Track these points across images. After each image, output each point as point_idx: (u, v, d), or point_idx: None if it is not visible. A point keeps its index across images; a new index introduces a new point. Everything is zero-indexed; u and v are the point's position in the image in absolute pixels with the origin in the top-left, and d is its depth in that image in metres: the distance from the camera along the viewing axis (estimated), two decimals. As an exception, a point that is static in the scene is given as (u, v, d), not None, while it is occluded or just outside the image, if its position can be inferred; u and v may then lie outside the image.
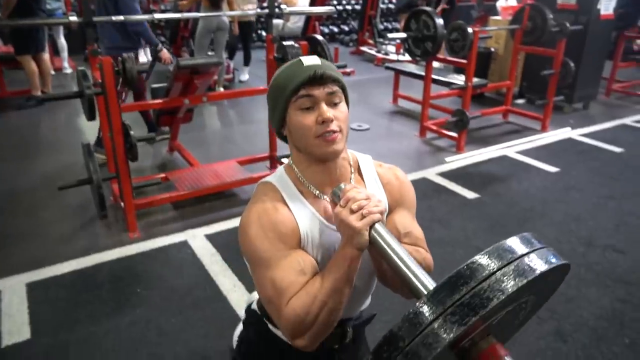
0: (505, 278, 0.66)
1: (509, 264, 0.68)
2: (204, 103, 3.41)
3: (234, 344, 1.27)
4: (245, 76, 6.65)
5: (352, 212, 0.86)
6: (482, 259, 0.68)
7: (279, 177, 1.03)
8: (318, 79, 0.94)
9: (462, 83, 4.24)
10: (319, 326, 0.89)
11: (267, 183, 1.03)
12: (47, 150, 4.29)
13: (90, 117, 2.59)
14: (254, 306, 1.17)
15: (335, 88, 0.96)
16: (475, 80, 4.27)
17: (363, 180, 1.07)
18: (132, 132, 2.69)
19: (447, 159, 4.09)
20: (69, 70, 6.83)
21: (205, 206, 3.28)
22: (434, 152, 4.32)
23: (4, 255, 2.75)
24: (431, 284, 0.79)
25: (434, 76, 4.52)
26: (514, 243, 0.71)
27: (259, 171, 3.51)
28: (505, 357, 0.72)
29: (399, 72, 5.41)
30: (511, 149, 4.35)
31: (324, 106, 0.94)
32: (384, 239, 0.86)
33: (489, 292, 0.65)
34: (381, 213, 0.88)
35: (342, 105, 0.98)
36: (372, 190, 1.06)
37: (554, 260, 0.72)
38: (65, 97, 2.63)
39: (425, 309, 0.67)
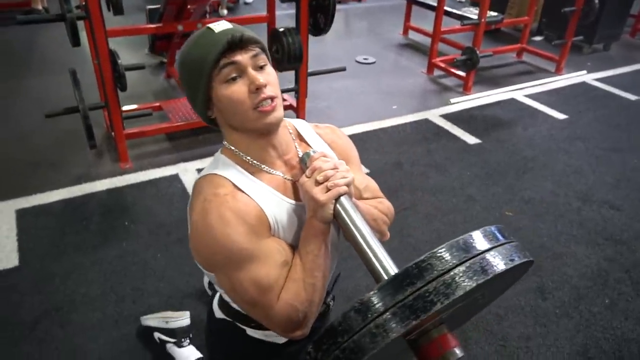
0: (455, 280, 0.62)
1: (461, 263, 0.64)
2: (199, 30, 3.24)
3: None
4: (250, -2, 6.31)
5: (318, 183, 0.82)
6: (434, 257, 0.65)
7: (220, 164, 0.91)
8: (237, 42, 0.82)
9: (475, 18, 3.97)
10: (313, 308, 0.87)
11: (208, 176, 0.90)
12: (39, 70, 4.17)
13: (75, 42, 2.46)
14: (219, 315, 1.07)
15: (257, 50, 0.86)
16: (490, 14, 4.00)
17: (309, 146, 1.00)
18: (119, 61, 2.57)
19: (452, 100, 3.93)
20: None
21: (199, 139, 3.22)
22: (439, 92, 4.16)
23: (-5, 180, 2.75)
24: (392, 269, 0.77)
25: (446, 8, 4.25)
26: (477, 238, 0.67)
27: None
28: (455, 349, 0.70)
29: (411, 1, 5.09)
30: (521, 91, 4.17)
31: (252, 72, 0.84)
32: (348, 214, 0.82)
33: (434, 295, 0.62)
34: (348, 185, 0.83)
35: (269, 68, 0.87)
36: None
37: (515, 259, 0.68)
38: (44, 21, 2.50)
39: (367, 307, 0.65)
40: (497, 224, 0.70)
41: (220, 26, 0.85)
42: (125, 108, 2.89)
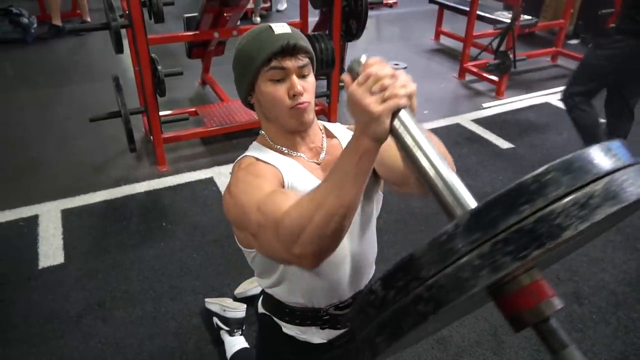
0: (590, 201, 0.46)
1: (593, 181, 0.47)
2: (235, 37, 3.33)
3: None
4: (283, 5, 6.42)
5: (372, 93, 0.67)
6: (555, 172, 0.47)
7: (253, 148, 1.03)
8: (290, 49, 0.91)
9: (508, 21, 3.94)
10: (314, 229, 0.72)
11: (242, 157, 1.02)
12: (83, 78, 4.35)
13: (118, 50, 2.58)
14: (261, 310, 1.15)
15: (306, 60, 0.94)
16: (524, 18, 3.96)
17: (337, 138, 1.06)
18: (159, 67, 2.67)
19: (484, 105, 3.90)
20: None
21: (232, 143, 3.30)
22: (471, 97, 4.13)
23: (39, 181, 2.88)
24: (472, 202, 0.59)
25: (479, 12, 4.23)
26: (598, 155, 0.50)
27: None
28: (552, 298, 0.53)
29: (443, 6, 5.09)
30: (555, 96, 4.10)
31: (295, 79, 0.93)
32: (409, 132, 0.65)
33: (564, 217, 0.45)
34: (410, 97, 0.67)
35: (311, 77, 0.97)
36: None
37: None
38: (90, 29, 2.63)
39: (464, 231, 0.48)
40: None
41: (280, 28, 0.93)
42: (162, 113, 3.00)
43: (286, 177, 0.94)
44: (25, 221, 2.54)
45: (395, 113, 0.66)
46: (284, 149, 1.00)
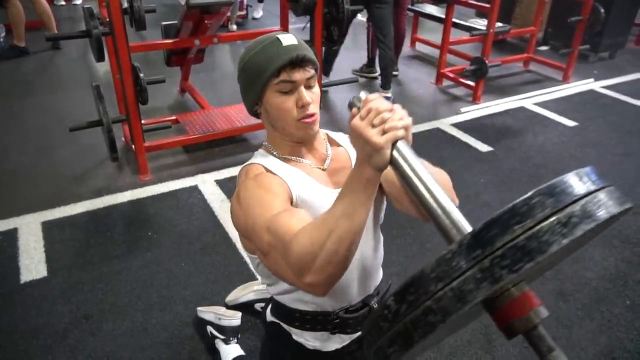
0: (571, 220, 0.54)
1: (573, 202, 0.56)
2: (215, 44, 3.32)
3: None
4: (259, 13, 6.43)
5: (373, 126, 0.73)
6: (541, 196, 0.56)
7: (258, 156, 1.04)
8: (299, 62, 0.93)
9: (483, 29, 4.05)
10: (325, 257, 0.75)
11: (246, 165, 1.02)
12: (57, 88, 4.26)
13: (99, 57, 2.54)
14: (270, 318, 1.15)
15: (313, 72, 0.97)
16: (497, 25, 4.07)
17: (342, 146, 1.08)
18: (141, 75, 2.64)
19: (462, 109, 3.99)
20: (79, 1, 6.65)
21: (215, 151, 3.28)
22: (449, 101, 4.22)
23: (18, 193, 2.81)
24: (467, 226, 0.67)
25: (454, 20, 4.32)
26: (575, 180, 0.59)
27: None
28: (539, 308, 0.61)
29: (418, 14, 5.18)
30: (530, 100, 4.23)
31: (303, 90, 0.95)
32: (407, 161, 0.72)
33: (550, 234, 0.53)
34: (406, 129, 0.74)
35: (316, 88, 0.99)
36: (354, 155, 1.04)
37: (624, 201, 0.61)
38: (70, 37, 2.58)
39: (466, 249, 0.55)
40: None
41: (287, 40, 0.94)
42: (144, 121, 2.95)
43: (293, 189, 0.95)
44: (3, 235, 2.47)
45: (394, 144, 0.73)
46: (289, 157, 1.02)
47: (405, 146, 0.74)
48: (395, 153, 0.73)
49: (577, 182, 0.58)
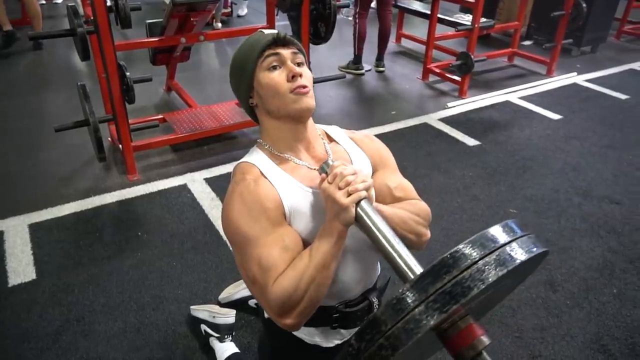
0: (486, 267, 0.67)
1: (490, 253, 0.69)
2: (201, 42, 3.30)
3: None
4: (244, 11, 6.40)
5: (339, 188, 0.86)
6: (465, 248, 0.69)
7: (253, 155, 1.04)
8: (282, 40, 0.98)
9: (468, 24, 4.08)
10: (306, 303, 0.88)
11: (242, 163, 1.03)
12: (42, 88, 4.20)
13: (84, 57, 2.50)
14: (267, 314, 1.13)
15: (297, 50, 1.00)
16: (482, 20, 4.11)
17: (339, 144, 1.09)
18: (128, 74, 2.61)
19: (449, 104, 4.02)
20: (59, 0, 6.55)
21: (204, 149, 3.26)
22: (436, 97, 4.25)
23: (3, 195, 2.76)
24: (417, 268, 0.81)
25: (440, 15, 4.35)
26: (497, 232, 0.72)
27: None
28: (482, 337, 0.73)
29: (403, 10, 5.20)
30: (515, 94, 4.28)
31: (290, 63, 0.98)
32: (369, 217, 0.87)
33: (470, 281, 0.66)
34: (367, 189, 0.87)
35: (305, 67, 1.01)
36: (353, 153, 1.08)
37: (534, 249, 0.73)
38: (54, 36, 2.54)
39: (408, 296, 0.68)
40: (502, 221, 0.74)
41: (269, 30, 1.00)
42: (131, 121, 2.92)
43: (285, 199, 0.96)
44: (-10, 237, 2.43)
45: (357, 203, 0.86)
46: (285, 155, 1.01)
47: (367, 205, 0.87)
48: (359, 210, 0.87)
49: (499, 233, 0.71)
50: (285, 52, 0.98)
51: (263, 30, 1.02)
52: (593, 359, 1.87)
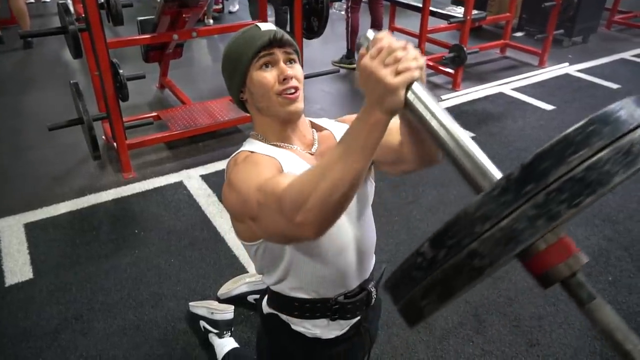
0: (633, 148, 0.49)
1: (634, 129, 0.50)
2: (194, 38, 3.28)
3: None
4: (235, 7, 6.37)
5: (386, 65, 0.67)
6: (597, 124, 0.50)
7: (247, 144, 1.04)
8: (278, 41, 0.96)
9: (461, 16, 4.09)
10: (318, 197, 0.71)
11: (240, 152, 1.01)
12: (33, 87, 4.16)
13: (76, 54, 2.49)
14: (267, 310, 1.13)
15: (292, 50, 1.00)
16: (473, 12, 4.11)
17: (328, 129, 1.09)
18: (121, 71, 2.60)
19: (442, 97, 4.03)
20: (48, -1, 6.49)
21: (199, 146, 3.25)
22: (429, 89, 4.21)
23: (-1, 196, 2.74)
24: (495, 170, 0.62)
25: (431, 8, 4.34)
26: (633, 106, 0.53)
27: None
28: (578, 254, 0.56)
29: (395, 3, 5.19)
30: (508, 85, 4.29)
31: (282, 64, 0.97)
32: (423, 103, 0.67)
33: (611, 165, 0.48)
34: (421, 69, 0.69)
35: (298, 66, 1.00)
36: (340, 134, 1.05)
37: None
38: (46, 34, 2.51)
39: (516, 184, 0.49)
40: None
41: (265, 26, 0.99)
42: (126, 118, 2.91)
43: (284, 165, 0.96)
44: (-15, 238, 2.41)
45: (409, 86, 0.67)
46: (278, 143, 1.02)
47: (420, 88, 0.68)
48: (410, 95, 0.67)
49: (635, 108, 0.52)
50: (279, 52, 0.97)
51: (258, 24, 1.00)
52: (590, 346, 1.89)
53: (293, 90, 0.96)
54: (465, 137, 0.64)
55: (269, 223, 0.83)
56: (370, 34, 0.73)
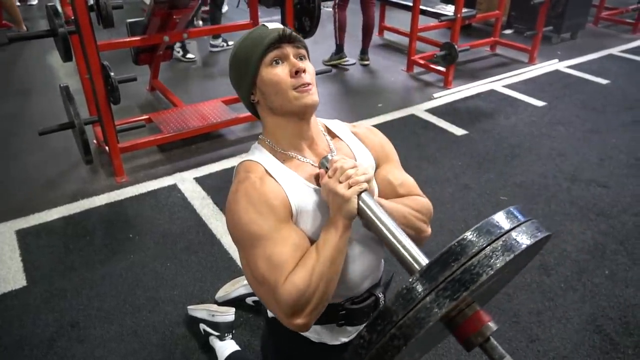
0: (494, 253, 0.68)
1: (497, 239, 0.69)
2: (185, 39, 3.26)
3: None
4: (224, 7, 6.32)
5: (340, 182, 0.87)
6: (471, 236, 0.70)
7: (256, 152, 1.01)
8: (287, 37, 0.95)
9: (451, 14, 4.10)
10: (317, 300, 0.87)
11: (245, 161, 0.99)
12: (21, 92, 4.11)
13: (66, 57, 2.45)
14: (271, 314, 1.12)
15: (301, 46, 0.99)
16: (464, 10, 4.13)
17: (342, 140, 1.07)
18: (112, 74, 2.57)
19: (435, 95, 4.04)
20: (35, 1, 6.41)
21: (192, 148, 3.22)
22: (421, 88, 4.26)
23: (-11, 203, 2.70)
24: (422, 258, 0.82)
25: (422, 7, 4.36)
26: (501, 218, 0.73)
27: (245, 111, 3.42)
28: (489, 323, 0.73)
29: (385, 3, 5.20)
30: (499, 82, 4.31)
31: (293, 58, 0.95)
32: (371, 209, 0.87)
33: (479, 267, 0.67)
34: (368, 181, 0.88)
35: (309, 62, 0.99)
36: (356, 149, 1.06)
37: (538, 233, 0.74)
38: (34, 37, 2.48)
39: (418, 285, 0.68)
40: (494, 209, 0.73)
41: (273, 25, 0.98)
42: (117, 122, 2.88)
43: (292, 198, 0.94)
44: (-24, 246, 2.37)
45: (359, 195, 0.87)
46: (289, 153, 0.99)
47: (368, 197, 0.88)
48: (360, 202, 0.88)
49: (503, 220, 0.72)
50: (289, 48, 0.96)
51: (266, 24, 0.99)
52: (589, 339, 1.90)
53: (306, 85, 0.94)
54: (402, 235, 0.85)
55: (266, 302, 0.93)
56: (329, 156, 0.94)
